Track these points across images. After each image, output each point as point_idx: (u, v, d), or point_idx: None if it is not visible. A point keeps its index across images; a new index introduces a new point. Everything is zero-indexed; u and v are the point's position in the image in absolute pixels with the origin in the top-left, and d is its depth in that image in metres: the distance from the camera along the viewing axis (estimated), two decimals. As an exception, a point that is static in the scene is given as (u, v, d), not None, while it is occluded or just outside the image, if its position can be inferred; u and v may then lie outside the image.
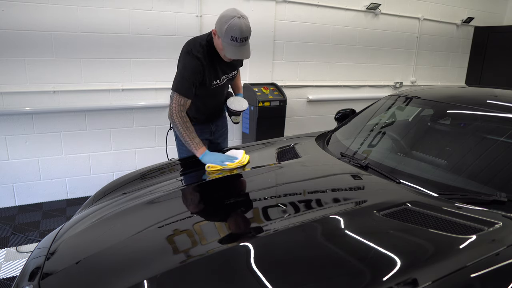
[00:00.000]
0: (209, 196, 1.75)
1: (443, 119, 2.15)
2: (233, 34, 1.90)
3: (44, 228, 3.03)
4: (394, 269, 1.10)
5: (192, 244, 1.30)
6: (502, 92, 2.21)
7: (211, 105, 2.37)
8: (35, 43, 3.09)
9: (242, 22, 1.90)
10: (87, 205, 1.83)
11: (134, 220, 1.50)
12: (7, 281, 2.36)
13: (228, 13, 1.92)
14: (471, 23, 5.51)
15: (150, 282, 1.11)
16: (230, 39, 1.91)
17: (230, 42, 1.92)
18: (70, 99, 3.31)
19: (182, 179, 2.00)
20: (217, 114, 2.49)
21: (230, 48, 1.95)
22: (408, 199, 1.52)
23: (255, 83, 4.03)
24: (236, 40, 1.91)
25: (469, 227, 1.30)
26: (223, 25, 1.91)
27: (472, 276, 1.10)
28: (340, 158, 1.97)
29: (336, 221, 1.36)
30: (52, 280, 1.23)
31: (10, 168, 3.28)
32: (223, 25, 1.91)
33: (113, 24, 3.31)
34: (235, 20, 1.88)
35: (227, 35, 1.91)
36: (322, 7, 4.29)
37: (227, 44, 1.94)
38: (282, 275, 1.13)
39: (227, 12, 1.94)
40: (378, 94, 4.66)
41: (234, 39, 1.91)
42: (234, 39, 1.91)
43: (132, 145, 3.68)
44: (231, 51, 1.96)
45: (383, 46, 4.87)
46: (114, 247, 1.33)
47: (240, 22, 1.89)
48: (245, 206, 1.59)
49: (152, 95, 3.62)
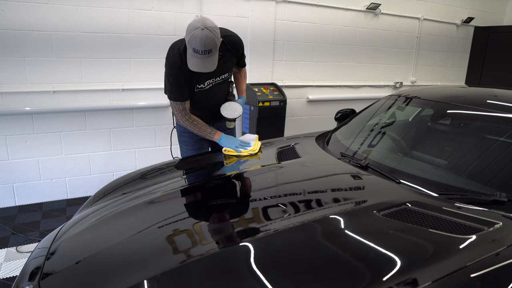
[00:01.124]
0: (209, 196, 1.75)
1: (443, 119, 2.15)
2: (194, 46, 1.83)
3: (44, 228, 3.03)
4: (394, 269, 1.10)
5: (192, 244, 1.30)
6: (502, 92, 2.21)
7: (204, 108, 2.35)
8: (35, 43, 3.09)
9: (205, 34, 1.81)
10: (87, 205, 1.83)
11: (134, 220, 1.50)
12: (7, 281, 2.36)
13: (193, 23, 1.86)
14: (471, 23, 5.51)
15: (150, 282, 1.11)
16: (192, 50, 1.86)
17: (192, 53, 1.87)
18: (70, 99, 3.31)
19: (182, 179, 2.00)
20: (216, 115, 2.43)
21: (191, 59, 1.90)
22: (408, 199, 1.52)
23: (255, 83, 4.03)
24: (197, 52, 1.85)
25: (469, 227, 1.30)
26: (187, 35, 1.86)
27: (472, 276, 1.10)
28: (340, 158, 1.97)
29: (336, 221, 1.36)
30: (52, 280, 1.23)
31: (10, 168, 3.28)
32: (187, 35, 1.86)
33: (113, 24, 3.31)
34: (197, 32, 1.81)
35: (190, 46, 1.86)
36: (322, 7, 4.29)
37: (190, 55, 1.90)
38: (282, 275, 1.13)
39: (194, 22, 1.87)
40: (378, 94, 4.66)
41: (195, 51, 1.85)
42: (196, 51, 1.85)
43: (132, 145, 3.68)
44: (193, 63, 1.91)
45: (383, 46, 4.87)
46: (114, 247, 1.33)
47: (202, 34, 1.80)
48: (245, 206, 1.59)
49: (152, 95, 3.62)
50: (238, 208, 1.57)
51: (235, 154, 2.17)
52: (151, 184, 1.85)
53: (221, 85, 2.31)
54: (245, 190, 1.79)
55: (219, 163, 2.21)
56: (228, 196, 1.74)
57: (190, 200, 1.72)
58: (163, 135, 3.76)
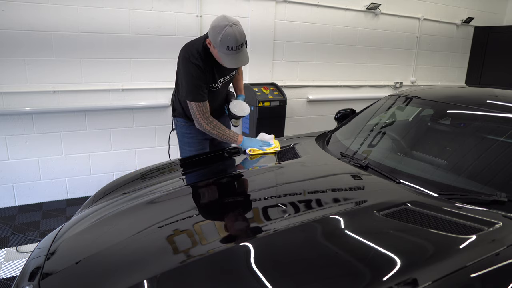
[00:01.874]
0: (209, 196, 1.75)
1: (443, 119, 2.15)
2: (228, 44, 1.87)
3: (44, 228, 3.03)
4: (394, 269, 1.10)
5: (192, 244, 1.30)
6: (502, 92, 2.21)
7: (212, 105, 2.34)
8: (35, 43, 3.09)
9: (236, 30, 1.86)
10: (87, 205, 1.83)
11: (134, 220, 1.50)
12: (7, 281, 2.37)
13: (220, 23, 1.88)
14: (471, 23, 5.51)
15: (150, 282, 1.11)
16: (226, 49, 1.89)
17: (226, 52, 1.90)
18: (70, 99, 3.31)
19: (182, 179, 2.00)
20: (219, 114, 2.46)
21: (228, 58, 1.94)
22: (408, 199, 1.52)
23: (255, 83, 4.03)
24: (232, 49, 1.89)
25: (469, 227, 1.30)
26: (217, 36, 1.88)
27: (472, 276, 1.10)
28: (340, 158, 1.97)
29: (336, 221, 1.36)
30: (52, 280, 1.23)
31: (10, 168, 3.28)
32: (217, 36, 1.88)
33: (113, 24, 3.31)
34: (228, 30, 1.85)
35: (223, 46, 1.88)
36: (322, 7, 4.29)
37: (224, 54, 1.93)
38: (282, 275, 1.13)
39: (218, 21, 1.89)
40: (378, 94, 4.66)
41: (230, 49, 1.89)
42: (230, 48, 1.89)
43: (132, 145, 3.68)
44: (229, 60, 1.95)
45: (383, 46, 4.87)
46: (114, 247, 1.33)
47: (233, 31, 1.85)
48: (245, 206, 1.59)
49: (152, 95, 3.62)
50: (238, 208, 1.57)
51: (260, 152, 2.20)
52: (151, 184, 1.85)
53: (226, 84, 2.34)
54: (245, 190, 1.79)
55: (220, 163, 2.21)
56: (228, 196, 1.75)
57: (190, 200, 1.72)
58: (163, 135, 3.76)
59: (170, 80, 3.60)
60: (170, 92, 3.60)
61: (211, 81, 2.17)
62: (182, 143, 2.48)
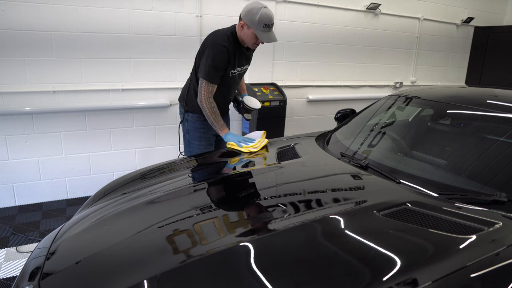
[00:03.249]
0: (209, 196, 1.75)
1: (443, 119, 2.15)
2: (265, 22, 2.21)
3: (44, 228, 3.03)
4: (394, 269, 1.10)
5: (192, 244, 1.30)
6: (502, 92, 2.21)
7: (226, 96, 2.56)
8: (35, 43, 3.09)
9: (269, 11, 2.23)
10: (87, 205, 1.83)
11: (134, 220, 1.50)
12: (7, 281, 2.37)
13: (255, 6, 2.23)
14: (471, 23, 5.51)
15: (150, 282, 1.11)
16: (263, 26, 2.22)
17: (263, 29, 2.23)
18: (70, 99, 3.31)
19: (182, 179, 2.00)
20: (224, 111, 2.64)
21: (265, 34, 2.26)
22: (408, 199, 1.52)
23: (255, 83, 4.03)
24: (268, 27, 2.23)
25: (469, 227, 1.30)
26: (254, 16, 2.20)
27: (472, 276, 1.10)
28: (340, 158, 1.97)
29: (336, 221, 1.36)
30: (52, 280, 1.23)
31: (10, 168, 3.28)
32: (254, 16, 2.20)
33: (113, 24, 3.31)
34: (264, 10, 2.21)
35: (260, 24, 2.21)
36: (322, 7, 4.29)
37: (261, 32, 2.24)
38: (282, 275, 1.13)
39: (254, 4, 2.24)
40: (378, 94, 4.66)
41: (266, 26, 2.23)
42: (266, 25, 2.23)
43: (132, 145, 3.68)
44: (266, 37, 2.27)
45: (383, 46, 4.87)
46: (114, 247, 1.33)
47: (268, 12, 2.22)
48: (245, 206, 1.59)
49: (152, 95, 3.62)
50: (238, 208, 1.57)
51: (236, 148, 2.28)
52: (151, 184, 1.85)
53: (241, 75, 2.57)
54: (245, 190, 1.79)
55: (220, 163, 2.21)
56: (228, 196, 1.74)
57: (190, 200, 1.72)
58: (163, 135, 3.77)
59: (170, 80, 3.62)
60: (170, 92, 3.63)
61: (232, 66, 2.40)
62: (195, 137, 2.59)
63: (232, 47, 2.34)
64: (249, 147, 2.24)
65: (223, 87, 2.44)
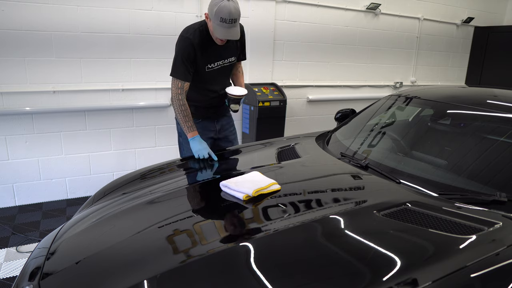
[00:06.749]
0: (209, 196, 1.75)
1: (443, 119, 2.15)
2: (222, 15, 2.01)
3: (44, 228, 3.03)
4: (394, 269, 1.10)
5: (192, 244, 1.30)
6: (502, 92, 2.20)
7: (209, 93, 2.38)
8: (35, 43, 3.09)
9: (231, 4, 2.02)
10: (87, 205, 1.83)
11: (134, 220, 1.50)
12: (7, 281, 2.37)
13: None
14: (471, 23, 5.51)
15: (150, 282, 1.11)
16: (220, 20, 2.03)
17: (219, 23, 2.04)
18: (70, 99, 3.31)
19: (182, 179, 2.00)
20: (219, 109, 2.50)
21: (219, 29, 2.07)
22: (408, 199, 1.52)
23: (255, 83, 4.03)
24: (225, 21, 2.03)
25: (469, 227, 1.30)
26: (213, 7, 2.03)
27: (472, 276, 1.10)
28: (340, 158, 1.97)
29: (336, 221, 1.36)
30: (52, 280, 1.23)
31: (10, 168, 3.28)
32: (213, 8, 2.03)
33: (113, 24, 3.31)
34: (224, 3, 2.01)
35: (217, 17, 2.02)
36: (322, 7, 4.29)
37: (217, 26, 2.06)
38: (282, 275, 1.13)
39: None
40: (378, 94, 4.66)
41: (223, 21, 2.03)
42: (223, 20, 2.02)
43: (132, 145, 3.68)
44: (220, 32, 2.08)
45: (383, 46, 4.87)
46: (114, 247, 1.33)
47: (228, 5, 2.01)
48: (245, 206, 1.59)
49: (152, 95, 3.62)
50: (238, 208, 1.57)
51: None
52: (151, 184, 1.85)
53: (226, 69, 2.39)
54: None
55: (220, 162, 2.21)
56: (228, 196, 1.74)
57: (190, 200, 1.72)
58: (163, 135, 3.77)
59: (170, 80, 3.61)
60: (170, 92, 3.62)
61: (206, 60, 2.25)
62: (185, 141, 2.45)
63: (202, 40, 2.17)
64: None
65: (200, 83, 2.31)
